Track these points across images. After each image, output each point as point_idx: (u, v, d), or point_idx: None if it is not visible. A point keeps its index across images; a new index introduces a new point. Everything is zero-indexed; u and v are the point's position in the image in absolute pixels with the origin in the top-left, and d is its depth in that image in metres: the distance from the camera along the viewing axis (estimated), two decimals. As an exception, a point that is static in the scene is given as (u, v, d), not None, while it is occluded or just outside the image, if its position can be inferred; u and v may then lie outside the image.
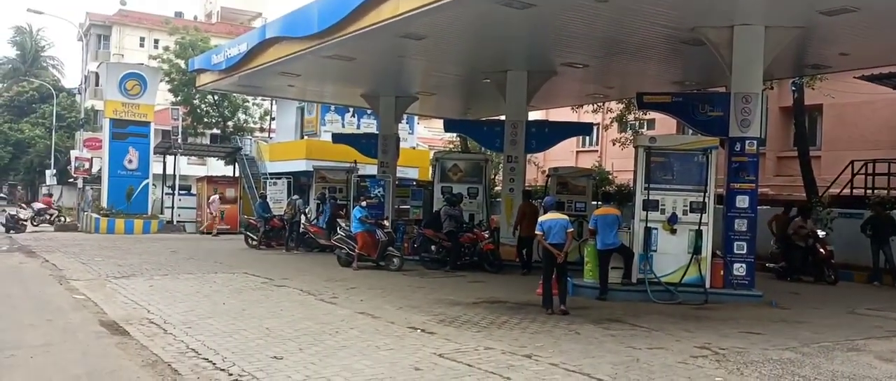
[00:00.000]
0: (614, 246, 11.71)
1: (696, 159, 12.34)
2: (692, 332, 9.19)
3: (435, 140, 42.96)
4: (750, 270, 12.37)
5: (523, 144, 18.03)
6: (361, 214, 16.09)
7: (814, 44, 14.07)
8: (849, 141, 21.97)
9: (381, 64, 18.08)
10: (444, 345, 7.90)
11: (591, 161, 29.81)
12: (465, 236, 16.21)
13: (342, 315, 9.74)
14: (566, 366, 7.05)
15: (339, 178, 22.92)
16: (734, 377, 6.81)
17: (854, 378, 6.87)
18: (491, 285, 13.41)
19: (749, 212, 12.45)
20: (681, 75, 17.61)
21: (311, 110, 34.18)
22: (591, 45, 14.92)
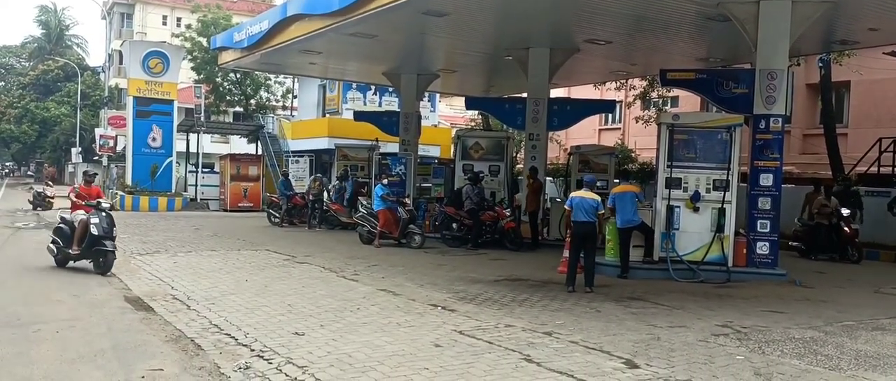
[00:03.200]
0: (634, 224, 11.66)
1: (719, 137, 12.20)
2: (714, 310, 9.13)
3: (457, 118, 42.82)
4: (773, 248, 12.25)
5: (545, 121, 17.94)
6: (383, 191, 16.14)
7: (842, 19, 13.79)
8: (877, 118, 21.58)
9: (402, 41, 18.03)
10: (464, 322, 7.92)
11: (613, 139, 29.58)
12: (486, 214, 16.21)
13: (363, 292, 9.80)
14: (586, 344, 7.05)
15: (360, 156, 23.00)
16: (756, 356, 6.76)
17: (878, 358, 6.80)
18: (512, 263, 13.41)
19: (773, 190, 12.30)
20: (705, 52, 17.38)
21: (333, 88, 34.21)
22: (615, 21, 14.75)
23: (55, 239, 11.51)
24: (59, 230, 11.53)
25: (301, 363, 6.14)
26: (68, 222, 11.51)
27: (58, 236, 11.50)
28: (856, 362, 6.64)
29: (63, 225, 11.53)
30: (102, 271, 10.83)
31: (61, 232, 11.48)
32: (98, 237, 10.93)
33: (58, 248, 11.43)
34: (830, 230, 15.18)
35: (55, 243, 11.50)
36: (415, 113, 22.36)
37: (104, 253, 10.95)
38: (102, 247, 10.93)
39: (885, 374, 6.23)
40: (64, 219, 11.64)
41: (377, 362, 6.19)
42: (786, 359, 6.69)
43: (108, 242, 10.97)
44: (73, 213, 11.64)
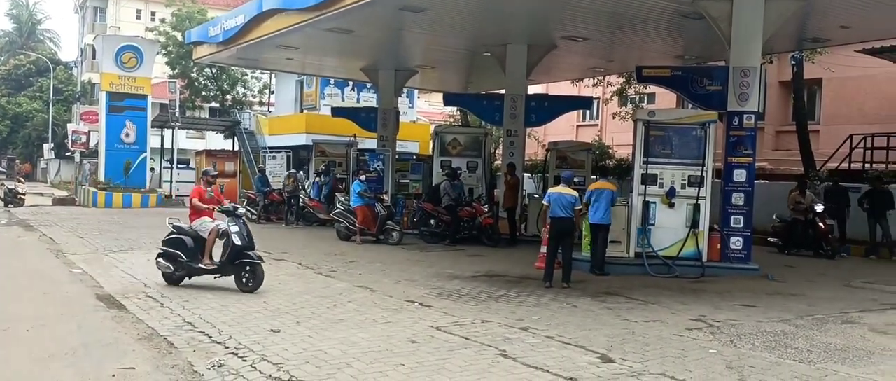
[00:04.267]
0: (603, 223, 11.57)
1: (694, 133, 12.31)
2: (688, 305, 9.23)
3: (435, 114, 42.81)
4: (746, 243, 12.40)
5: (523, 117, 18.01)
6: (361, 188, 16.10)
7: (814, 17, 14.00)
8: (848, 115, 21.88)
9: (380, 37, 17.98)
10: (441, 318, 7.93)
11: (591, 135, 29.72)
12: (464, 210, 16.22)
13: (340, 289, 9.78)
14: (562, 339, 7.09)
15: (338, 152, 22.91)
16: (728, 349, 6.85)
17: (847, 351, 6.91)
18: (489, 259, 13.45)
19: (746, 186, 12.44)
20: (681, 49, 17.54)
21: (311, 84, 34.04)
22: (592, 18, 14.83)
23: (170, 252, 9.55)
24: (177, 242, 9.58)
25: (276, 360, 6.12)
26: (189, 231, 9.71)
27: (174, 248, 9.53)
28: (825, 354, 6.74)
29: (182, 235, 9.63)
30: (251, 288, 9.19)
31: (179, 243, 9.55)
32: (242, 248, 9.32)
33: (177, 262, 9.52)
34: (806, 226, 15.36)
35: (169, 256, 9.55)
36: (393, 109, 22.34)
37: (252, 266, 9.30)
38: (248, 259, 9.31)
39: (854, 366, 6.34)
40: (180, 228, 9.74)
41: (353, 358, 6.19)
42: (757, 352, 6.78)
43: (253, 252, 9.43)
44: (196, 220, 9.83)
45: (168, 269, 9.59)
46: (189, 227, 9.80)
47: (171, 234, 9.72)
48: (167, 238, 9.71)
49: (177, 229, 9.73)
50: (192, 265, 9.53)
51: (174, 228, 9.77)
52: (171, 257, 9.56)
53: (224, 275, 9.47)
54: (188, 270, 9.56)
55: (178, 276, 9.61)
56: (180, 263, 9.51)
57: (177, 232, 9.70)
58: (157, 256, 9.73)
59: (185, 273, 9.61)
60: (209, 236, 9.64)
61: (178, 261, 9.51)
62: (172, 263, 9.56)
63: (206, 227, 9.71)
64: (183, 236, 9.65)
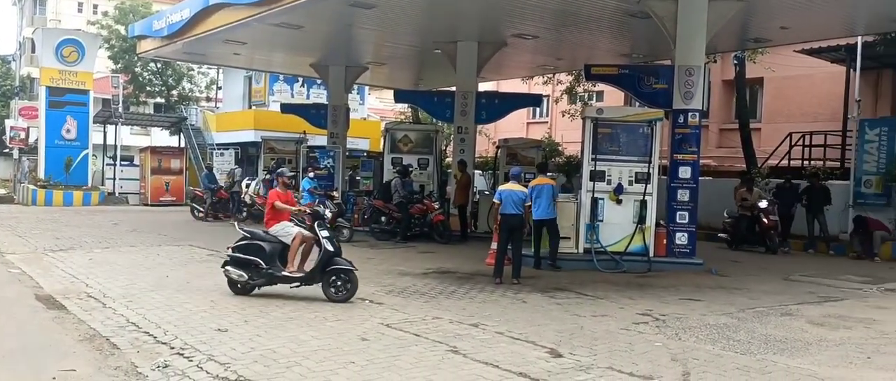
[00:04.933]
0: (548, 218, 11.73)
1: (641, 131, 12.53)
2: (635, 299, 9.40)
3: (386, 111, 42.66)
4: (691, 239, 12.68)
5: (473, 115, 18.05)
6: (310, 185, 15.95)
7: (755, 18, 14.38)
8: (787, 114, 22.58)
9: (330, 32, 17.83)
10: (391, 315, 7.92)
11: (541, 132, 30.01)
12: (415, 207, 16.21)
13: (290, 287, 9.65)
14: (512, 334, 7.15)
15: (288, 149, 22.62)
16: (673, 342, 7.00)
17: (786, 342, 7.14)
18: (440, 256, 13.47)
19: (691, 182, 12.72)
20: (629, 48, 17.82)
21: (260, 80, 33.54)
22: (541, 16, 14.96)
23: (245, 259, 8.79)
24: (255, 248, 8.82)
25: (223, 359, 6.02)
26: (267, 237, 8.98)
27: (251, 254, 8.79)
28: (765, 346, 6.95)
29: (260, 242, 8.88)
30: (344, 297, 8.60)
31: (258, 250, 8.80)
32: (334, 254, 8.72)
33: (253, 269, 8.78)
34: (752, 222, 15.73)
35: (243, 263, 8.79)
36: (343, 106, 22.19)
37: (346, 273, 8.69)
38: (340, 266, 8.70)
39: (793, 357, 6.55)
40: (255, 233, 9.05)
41: (303, 356, 6.13)
42: (701, 345, 6.95)
43: (343, 258, 8.84)
44: (277, 225, 9.09)
45: (242, 277, 8.77)
46: (266, 232, 9.06)
47: (243, 239, 8.92)
48: (240, 244, 8.88)
49: (251, 235, 9.00)
50: (275, 273, 8.77)
51: (247, 233, 9.03)
52: (245, 265, 8.76)
53: (311, 284, 8.78)
54: (269, 278, 8.79)
55: (252, 285, 8.84)
56: (259, 270, 8.73)
57: (252, 238, 8.93)
58: (226, 263, 8.89)
59: (265, 282, 8.84)
60: (294, 242, 8.92)
61: (257, 269, 8.72)
62: (247, 270, 8.75)
63: (290, 232, 9.01)
64: (262, 242, 8.86)
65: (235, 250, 8.87)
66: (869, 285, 11.05)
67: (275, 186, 9.54)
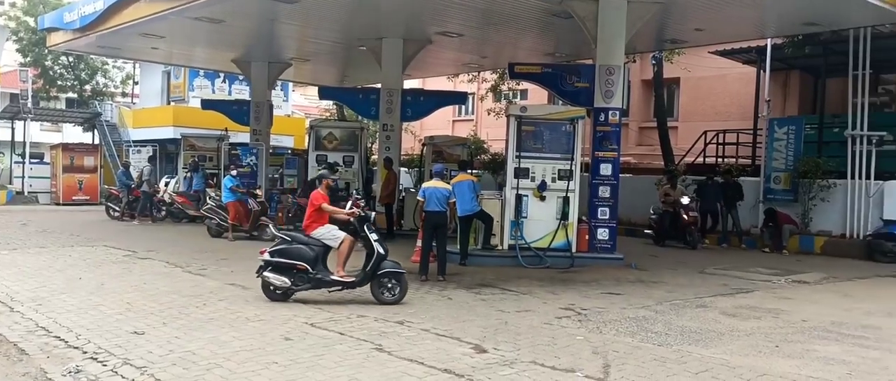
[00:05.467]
0: (472, 212, 11.93)
1: (564, 129, 12.78)
2: (558, 294, 9.58)
3: (311, 108, 42.10)
4: (612, 234, 13.01)
5: (399, 112, 18.02)
6: (232, 183, 15.60)
7: (671, 19, 14.85)
8: (703, 112, 23.42)
9: (252, 28, 17.44)
10: (316, 314, 7.82)
11: (467, 130, 30.20)
12: (340, 204, 16.03)
13: (211, 287, 9.44)
14: (436, 331, 7.17)
15: (209, 146, 22.09)
16: (594, 336, 7.17)
17: (700, 333, 7.41)
18: (365, 254, 13.35)
19: (612, 179, 13.05)
20: (552, 47, 18.12)
21: (179, 75, 32.55)
22: (465, 14, 15.04)
23: (284, 263, 8.46)
24: (298, 252, 8.53)
25: (139, 363, 5.82)
26: (309, 241, 8.71)
27: (293, 258, 8.49)
28: (681, 337, 7.20)
29: (302, 245, 8.61)
30: (395, 300, 8.52)
31: (300, 254, 8.51)
32: (384, 257, 8.59)
33: (296, 274, 8.46)
34: (675, 218, 16.19)
35: (281, 267, 8.46)
36: (266, 102, 21.80)
37: (397, 275, 8.61)
38: (391, 268, 8.59)
39: (707, 347, 6.80)
40: (296, 237, 8.81)
41: (223, 358, 5.99)
42: (620, 337, 7.14)
43: (392, 261, 8.73)
44: (320, 228, 8.83)
45: (284, 283, 8.41)
46: (308, 236, 8.77)
47: (283, 243, 8.63)
48: (281, 248, 8.56)
49: (292, 238, 8.72)
50: (323, 278, 8.54)
51: (288, 237, 8.76)
52: (286, 270, 8.44)
53: (362, 286, 8.62)
54: (315, 282, 8.52)
55: (294, 290, 8.51)
56: (303, 275, 8.45)
57: (293, 241, 8.64)
58: (263, 268, 8.49)
59: (311, 286, 8.54)
60: (343, 246, 8.74)
61: (301, 273, 8.44)
62: (289, 275, 8.43)
63: (337, 235, 8.79)
64: (302, 245, 8.60)
65: (274, 255, 8.51)
66: (778, 277, 11.58)
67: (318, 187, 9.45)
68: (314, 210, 8.90)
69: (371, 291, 8.59)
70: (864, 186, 15.37)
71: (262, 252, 8.61)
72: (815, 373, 5.95)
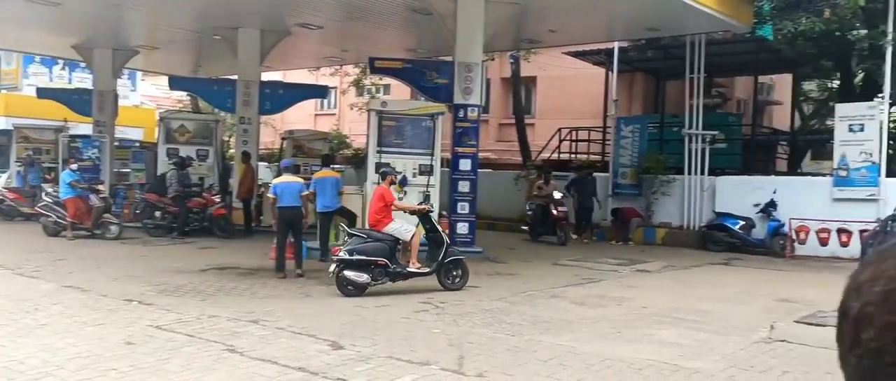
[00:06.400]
0: (333, 208, 11.82)
1: (424, 124, 12.89)
2: (417, 288, 9.64)
3: (164, 99, 39.87)
4: (471, 228, 13.28)
5: (257, 105, 17.47)
6: (72, 178, 14.53)
7: (527, 20, 15.36)
8: (558, 110, 24.39)
9: (94, 12, 16.33)
10: (162, 316, 7.43)
11: (329, 124, 29.80)
12: (193, 200, 15.39)
13: (45, 290, 8.75)
14: (292, 329, 7.02)
15: (45, 138, 20.44)
16: (450, 328, 7.28)
17: (552, 322, 7.71)
18: (221, 252, 12.93)
19: (471, 174, 13.31)
20: (414, 43, 18.24)
21: (11, 61, 29.88)
22: (325, 6, 14.84)
23: (363, 260, 8.74)
24: (377, 248, 8.88)
25: (-44, 376, 5.29)
26: (382, 237, 9.07)
27: (375, 255, 8.79)
28: (534, 326, 7.46)
29: (379, 242, 8.95)
30: (460, 286, 9.23)
31: (378, 250, 8.86)
32: (451, 245, 9.34)
33: (375, 270, 8.77)
34: (547, 213, 16.45)
35: (359, 264, 8.73)
36: (111, 92, 20.44)
37: (461, 262, 9.41)
38: (456, 256, 9.35)
39: (557, 336, 7.09)
40: (371, 234, 9.10)
41: (56, 366, 5.55)
42: (476, 329, 7.30)
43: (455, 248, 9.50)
44: (391, 224, 9.28)
45: (364, 279, 8.77)
46: (380, 232, 9.19)
47: (359, 240, 8.92)
48: (358, 246, 8.85)
49: (367, 235, 9.13)
50: (400, 271, 9.06)
51: (360, 233, 9.17)
52: (365, 266, 8.78)
53: (430, 275, 9.26)
54: (393, 275, 8.98)
55: (371, 285, 8.83)
56: (382, 270, 8.87)
57: (369, 238, 9.01)
58: (340, 267, 8.74)
59: (389, 280, 8.98)
60: (415, 239, 9.36)
61: (381, 268, 8.84)
62: (367, 271, 8.79)
63: (409, 229, 9.42)
64: (378, 241, 9.00)
65: (353, 253, 8.82)
66: (623, 267, 12.29)
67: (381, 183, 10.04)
68: (383, 207, 9.48)
69: (437, 278, 9.25)
70: (699, 181, 16.60)
71: (335, 251, 9.09)
72: (652, 355, 6.35)
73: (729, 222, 15.55)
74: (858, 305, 0.69)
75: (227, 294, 8.88)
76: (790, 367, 6.12)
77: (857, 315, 0.69)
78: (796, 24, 15.26)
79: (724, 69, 21.08)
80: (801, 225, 14.53)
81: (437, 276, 9.27)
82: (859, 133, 14.59)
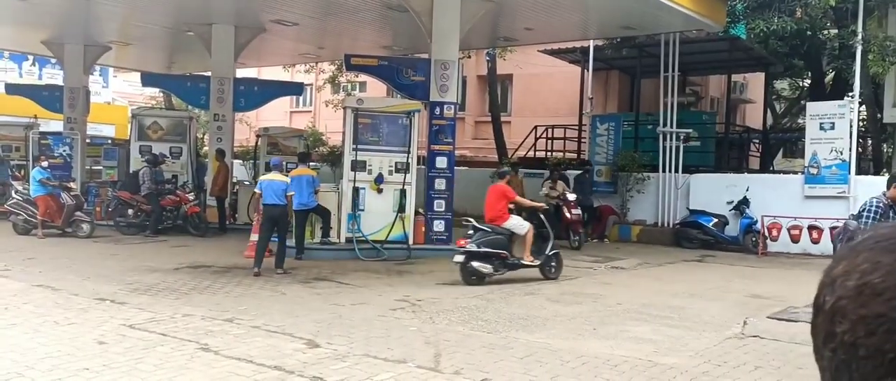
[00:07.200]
0: (310, 206, 11.78)
1: (400, 122, 12.87)
2: (394, 286, 9.64)
3: (136, 95, 39.36)
4: (448, 226, 13.27)
5: (231, 102, 17.35)
6: (42, 175, 14.30)
7: (503, 18, 15.39)
8: (534, 108, 24.50)
9: (64, 6, 16.09)
10: (135, 315, 7.34)
11: (305, 122, 29.63)
12: (167, 198, 15.23)
13: (14, 289, 8.59)
14: (268, 327, 6.96)
15: (14, 135, 20.06)
16: (427, 326, 7.27)
17: (527, 319, 7.74)
18: (195, 250, 12.81)
19: (447, 172, 13.31)
20: (390, 40, 18.18)
21: (-22, 56, 29.30)
22: (301, 3, 14.74)
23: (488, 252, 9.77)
24: (497, 241, 9.93)
25: (-79, 378, 5.17)
26: (502, 231, 10.08)
27: (497, 248, 9.88)
28: (509, 323, 7.47)
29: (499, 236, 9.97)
30: (557, 275, 10.36)
31: (501, 243, 9.98)
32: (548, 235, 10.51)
33: (495, 261, 9.84)
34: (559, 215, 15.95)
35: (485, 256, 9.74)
36: (82, 88, 20.14)
37: (557, 256, 10.54)
38: (556, 250, 10.53)
39: (532, 333, 7.11)
40: (494, 228, 10.03)
41: (26, 366, 5.45)
42: (452, 326, 7.30)
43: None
44: (510, 220, 10.26)
45: (488, 269, 9.77)
46: (500, 227, 10.08)
47: (484, 234, 9.84)
48: (484, 240, 9.79)
49: (491, 229, 9.99)
50: (516, 262, 10.07)
51: (485, 228, 9.96)
52: (488, 257, 9.77)
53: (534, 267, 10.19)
54: (510, 266, 10.00)
55: (492, 275, 9.81)
56: (503, 261, 9.91)
57: (492, 232, 9.94)
58: (468, 257, 9.65)
59: (507, 270, 9.99)
60: (529, 234, 10.24)
61: (501, 260, 9.88)
62: (490, 262, 9.78)
63: (525, 225, 10.28)
64: (499, 235, 9.97)
65: (481, 246, 9.75)
66: (599, 264, 12.37)
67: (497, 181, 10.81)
68: (505, 204, 10.30)
69: (540, 270, 10.21)
70: (673, 178, 16.77)
71: (460, 243, 9.83)
72: (626, 352, 6.40)
73: (703, 220, 15.72)
74: (832, 299, 0.70)
75: (202, 293, 8.79)
76: (763, 362, 6.20)
77: (831, 309, 0.69)
78: (769, 24, 15.46)
79: (697, 68, 21.32)
80: (773, 222, 14.74)
81: (539, 268, 10.25)
82: (830, 131, 14.82)
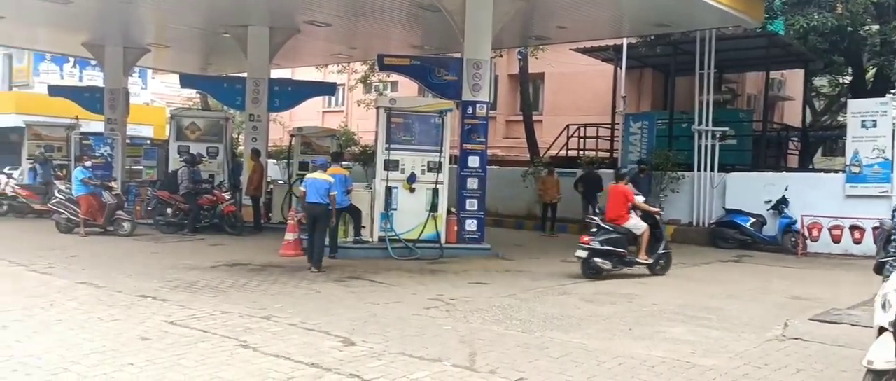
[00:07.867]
0: (343, 205, 11.88)
1: (433, 121, 12.91)
2: (427, 285, 9.69)
3: (174, 96, 40.03)
4: (480, 225, 13.28)
5: (266, 102, 17.57)
6: (84, 175, 14.65)
7: (536, 16, 15.36)
8: (566, 107, 24.38)
9: (104, 9, 16.44)
10: (176, 312, 7.49)
11: (337, 121, 29.87)
12: (204, 197, 15.48)
13: (59, 286, 8.82)
14: (304, 325, 7.06)
15: (57, 135, 20.60)
16: (461, 325, 7.31)
17: (562, 318, 7.73)
18: (232, 248, 12.99)
19: (480, 171, 13.31)
20: (421, 40, 18.26)
21: (22, 58, 30.14)
22: (333, 4, 14.89)
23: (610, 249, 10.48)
24: (617, 240, 10.63)
25: (-27, 371, 5.35)
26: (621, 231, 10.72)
27: (617, 246, 10.60)
28: (544, 323, 7.47)
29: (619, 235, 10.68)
30: (663, 272, 10.95)
31: (620, 241, 10.67)
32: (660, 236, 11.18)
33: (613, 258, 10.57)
34: None
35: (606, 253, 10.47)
36: (122, 89, 20.58)
37: (668, 255, 11.18)
38: (665, 249, 11.12)
39: (567, 333, 7.10)
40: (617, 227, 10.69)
41: (72, 361, 5.61)
42: (487, 326, 7.32)
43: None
44: (632, 220, 10.92)
45: (607, 265, 10.44)
46: (621, 227, 10.69)
47: (606, 233, 10.47)
48: (606, 238, 10.44)
49: (614, 229, 10.57)
50: (633, 260, 10.75)
51: (607, 226, 10.55)
52: (608, 254, 10.43)
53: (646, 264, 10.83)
54: (627, 263, 10.69)
55: (611, 271, 10.49)
56: (622, 259, 10.60)
57: (614, 231, 10.55)
58: (591, 256, 10.31)
59: (624, 267, 10.66)
60: (645, 234, 10.79)
61: (620, 257, 10.55)
62: (609, 259, 10.45)
63: (642, 225, 10.81)
64: (619, 234, 10.60)
65: (603, 244, 10.40)
66: (633, 263, 12.24)
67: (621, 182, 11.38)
68: (626, 205, 10.85)
69: (649, 267, 10.83)
70: (709, 177, 16.58)
71: (583, 240, 10.41)
72: (664, 353, 6.36)
73: (739, 219, 15.51)
74: None
75: (239, 290, 8.93)
76: (805, 365, 6.12)
77: None
78: (808, 20, 15.21)
79: (734, 65, 21.01)
80: (814, 222, 14.49)
81: (649, 265, 10.82)
82: (872, 129, 14.52)
